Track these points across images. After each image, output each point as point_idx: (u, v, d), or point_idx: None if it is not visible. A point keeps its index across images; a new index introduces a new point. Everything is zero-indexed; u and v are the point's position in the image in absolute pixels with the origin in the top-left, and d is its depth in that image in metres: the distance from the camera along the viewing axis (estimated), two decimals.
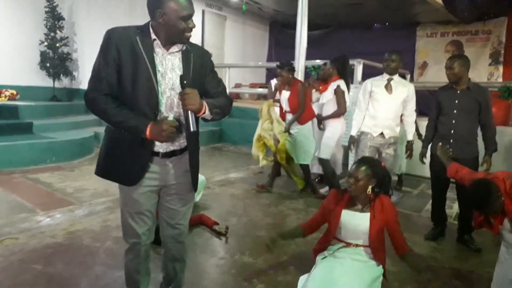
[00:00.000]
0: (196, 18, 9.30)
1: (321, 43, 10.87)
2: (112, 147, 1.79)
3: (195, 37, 9.89)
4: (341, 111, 4.37)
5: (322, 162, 4.40)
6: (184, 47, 1.78)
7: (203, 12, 10.04)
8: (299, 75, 5.91)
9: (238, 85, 10.38)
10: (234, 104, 8.44)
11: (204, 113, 1.70)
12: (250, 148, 4.81)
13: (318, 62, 6.70)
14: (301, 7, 5.99)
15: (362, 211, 2.18)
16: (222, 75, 8.02)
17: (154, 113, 1.71)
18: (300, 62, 5.93)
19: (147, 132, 1.65)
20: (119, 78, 1.67)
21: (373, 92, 3.58)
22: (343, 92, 4.35)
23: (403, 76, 3.96)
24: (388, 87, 3.54)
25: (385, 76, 3.58)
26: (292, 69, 4.40)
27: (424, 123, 3.60)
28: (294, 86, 4.34)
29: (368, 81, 3.69)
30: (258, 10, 10.96)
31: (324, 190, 4.73)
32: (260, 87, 10.07)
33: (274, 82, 5.21)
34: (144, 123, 1.65)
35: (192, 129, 1.66)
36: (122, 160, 1.76)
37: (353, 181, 2.13)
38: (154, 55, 1.70)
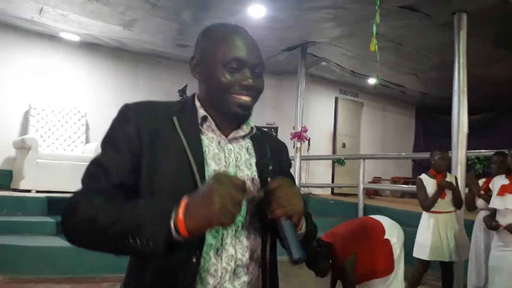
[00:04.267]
0: (329, 106, 8.77)
1: (483, 130, 9.22)
2: None
3: (326, 126, 9.35)
4: None
5: None
6: (254, 131, 1.07)
7: (336, 99, 9.59)
8: (459, 168, 4.68)
9: (376, 180, 9.23)
10: (371, 202, 7.41)
11: (301, 227, 0.99)
12: None
13: (484, 152, 5.31)
14: (458, 86, 4.92)
15: None
16: (356, 168, 7.07)
17: (195, 252, 0.90)
18: (460, 152, 4.70)
19: (181, 210, 0.79)
20: (138, 180, 0.94)
21: None
22: None
23: None
24: None
25: None
26: None
27: None
28: None
29: None
30: (400, 94, 10.04)
31: None
32: (404, 182, 8.75)
33: (426, 179, 4.00)
34: (170, 203, 0.82)
35: (295, 256, 0.88)
36: None
37: None
38: (204, 144, 0.99)
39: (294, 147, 7.00)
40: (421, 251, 3.79)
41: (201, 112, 1.02)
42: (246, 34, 1.04)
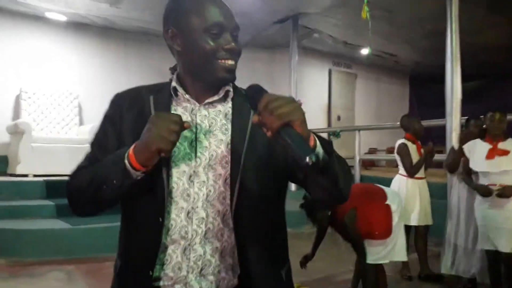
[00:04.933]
0: (323, 78, 8.68)
1: (478, 97, 9.25)
2: None
3: (321, 99, 9.34)
4: None
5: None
6: (230, 94, 1.07)
7: (329, 71, 9.55)
8: (454, 135, 4.72)
9: (372, 151, 9.29)
10: (368, 173, 7.48)
11: (313, 143, 0.85)
12: None
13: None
14: (451, 53, 4.91)
15: None
16: (352, 139, 7.10)
17: (158, 218, 0.97)
18: (454, 119, 4.74)
19: (131, 149, 0.93)
20: None
21: None
22: None
23: None
24: None
25: None
26: None
27: None
28: None
29: None
30: (394, 63, 9.99)
31: None
32: None
33: (409, 144, 3.96)
34: (126, 148, 0.96)
35: (304, 158, 0.77)
36: None
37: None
38: (171, 110, 1.06)
39: None
40: (411, 217, 3.83)
41: (173, 84, 1.06)
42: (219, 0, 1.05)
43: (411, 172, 3.91)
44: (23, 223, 4.59)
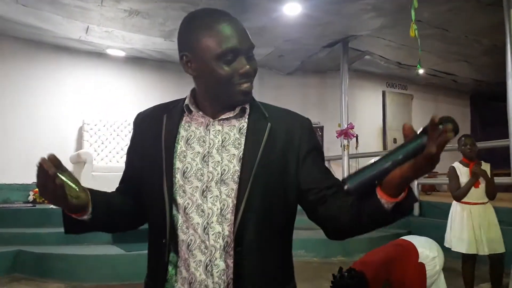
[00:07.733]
0: (376, 100, 8.44)
1: None
2: None
3: (375, 122, 9.10)
4: None
5: None
6: (248, 109, 1.06)
7: (383, 93, 9.30)
8: None
9: (432, 174, 8.83)
10: (428, 198, 7.09)
11: (400, 196, 0.90)
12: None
13: None
14: (511, 69, 4.61)
15: None
16: None
17: (161, 237, 1.01)
18: None
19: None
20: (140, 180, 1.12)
21: None
22: None
23: None
24: None
25: None
26: None
27: None
28: None
29: None
30: (452, 83, 9.57)
31: None
32: None
33: (459, 167, 3.69)
34: None
35: (346, 184, 0.87)
36: None
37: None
38: (184, 126, 1.07)
39: (341, 145, 6.87)
40: (459, 244, 3.60)
41: (186, 102, 1.08)
42: (231, 18, 1.01)
43: (454, 196, 3.68)
44: (82, 249, 4.80)
